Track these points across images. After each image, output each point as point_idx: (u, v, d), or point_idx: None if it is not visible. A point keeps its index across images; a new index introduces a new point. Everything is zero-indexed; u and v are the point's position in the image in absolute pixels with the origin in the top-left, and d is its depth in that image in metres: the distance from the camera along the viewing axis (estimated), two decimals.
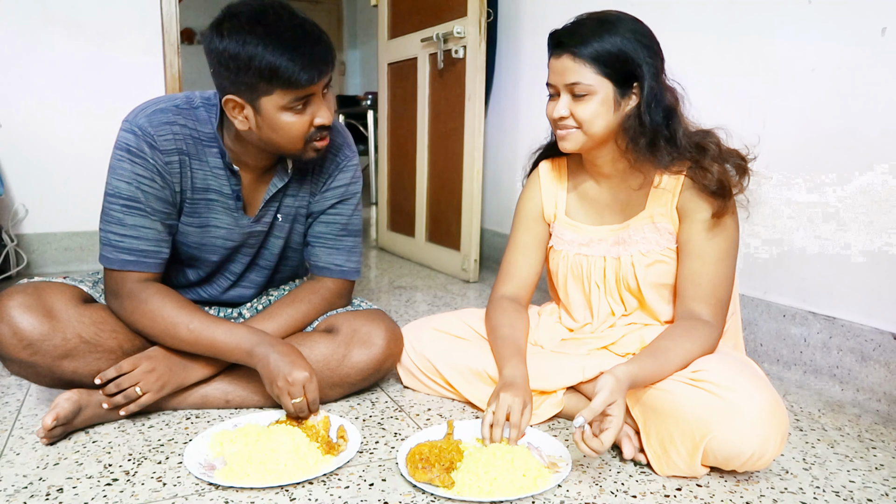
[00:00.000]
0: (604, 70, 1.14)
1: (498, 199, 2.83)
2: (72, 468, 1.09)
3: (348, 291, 1.46)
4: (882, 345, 1.43)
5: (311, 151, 1.22)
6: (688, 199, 1.20)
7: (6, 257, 2.49)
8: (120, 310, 1.25)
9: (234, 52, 1.09)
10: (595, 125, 1.18)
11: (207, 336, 1.23)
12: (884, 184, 1.41)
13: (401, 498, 1.03)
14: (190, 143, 1.24)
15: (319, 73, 1.12)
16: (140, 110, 1.22)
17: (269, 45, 1.08)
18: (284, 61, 1.08)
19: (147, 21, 2.64)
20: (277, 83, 1.10)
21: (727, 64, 1.72)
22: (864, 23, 1.41)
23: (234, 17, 1.10)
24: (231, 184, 1.28)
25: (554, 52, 1.19)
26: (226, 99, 1.16)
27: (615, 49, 1.13)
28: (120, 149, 1.20)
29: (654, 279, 1.26)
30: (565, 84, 1.17)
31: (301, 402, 1.19)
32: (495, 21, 2.65)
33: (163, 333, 1.23)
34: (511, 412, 1.14)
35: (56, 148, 2.58)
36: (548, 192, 1.38)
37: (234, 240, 1.34)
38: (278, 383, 1.19)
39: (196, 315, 1.24)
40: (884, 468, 1.17)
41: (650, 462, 1.12)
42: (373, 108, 4.84)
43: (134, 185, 1.19)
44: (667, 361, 1.11)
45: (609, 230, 1.31)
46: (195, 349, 1.24)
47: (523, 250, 1.41)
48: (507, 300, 1.39)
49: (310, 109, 1.17)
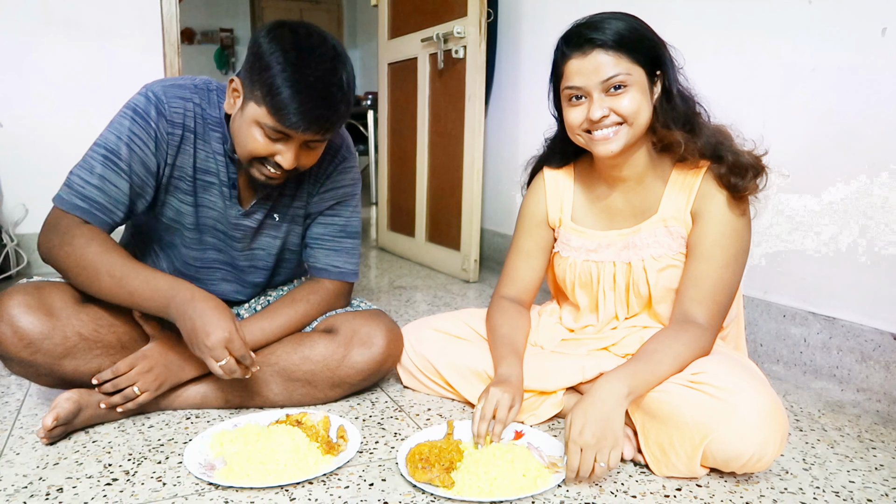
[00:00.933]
0: (634, 56, 1.11)
1: (498, 199, 2.83)
2: (72, 468, 1.09)
3: (347, 293, 1.46)
4: (882, 345, 1.43)
5: (258, 172, 1.19)
6: (705, 196, 1.18)
7: (6, 257, 2.49)
8: (46, 244, 1.19)
9: (263, 53, 1.11)
10: (641, 116, 1.14)
11: (126, 284, 1.16)
12: (884, 184, 1.41)
13: (401, 498, 1.03)
14: (199, 122, 1.25)
15: (307, 128, 1.12)
16: (159, 81, 1.24)
17: (288, 73, 1.08)
18: (287, 95, 1.09)
19: (147, 21, 2.64)
20: (269, 104, 1.10)
21: (727, 64, 1.72)
22: (864, 23, 1.41)
23: (290, 32, 1.12)
24: (229, 171, 1.29)
25: (578, 50, 1.13)
26: (233, 77, 1.18)
27: (639, 33, 1.13)
28: (127, 107, 1.21)
29: (665, 284, 1.24)
30: (601, 81, 1.12)
31: (228, 364, 1.14)
32: (495, 21, 2.65)
33: (82, 277, 1.17)
34: (498, 408, 1.14)
35: (56, 148, 2.58)
36: (553, 197, 1.36)
37: (224, 225, 1.33)
38: (198, 346, 1.13)
39: (120, 261, 1.17)
40: (884, 468, 1.17)
41: (648, 464, 1.12)
42: (373, 108, 4.85)
43: (124, 140, 1.19)
44: (660, 365, 1.10)
45: (618, 234, 1.29)
46: (115, 299, 1.18)
47: (525, 255, 1.39)
48: (507, 301, 1.39)
49: (280, 145, 1.15)
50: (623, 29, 1.12)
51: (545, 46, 1.22)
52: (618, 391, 1.04)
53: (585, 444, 1.00)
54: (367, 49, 7.21)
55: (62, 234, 1.18)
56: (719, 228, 1.17)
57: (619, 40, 1.11)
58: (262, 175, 1.20)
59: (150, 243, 1.38)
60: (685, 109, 1.17)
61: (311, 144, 1.18)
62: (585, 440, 1.00)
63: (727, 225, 1.17)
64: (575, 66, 1.13)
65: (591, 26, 1.13)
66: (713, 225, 1.17)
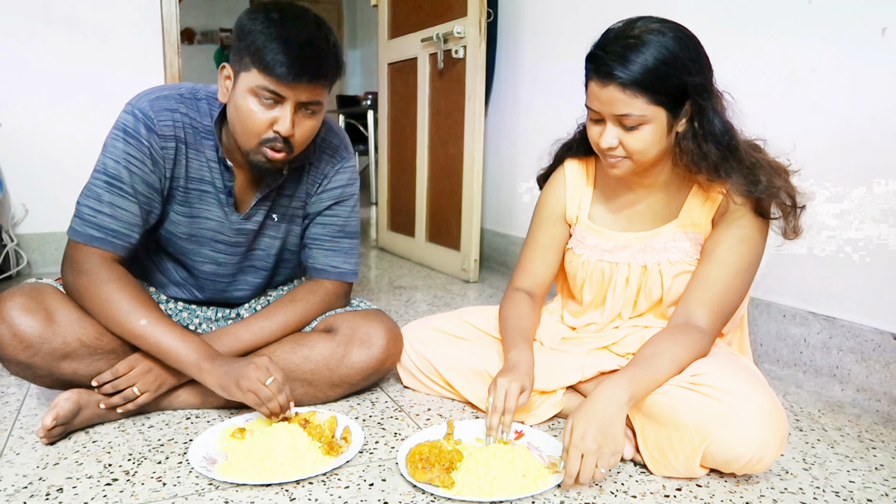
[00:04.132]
0: (656, 98, 1.06)
1: (498, 199, 2.83)
2: (72, 468, 1.09)
3: (346, 293, 1.46)
4: (882, 345, 1.43)
5: (262, 156, 1.18)
6: (729, 206, 1.16)
7: (6, 257, 2.49)
8: (74, 284, 1.21)
9: (244, 25, 1.13)
10: (648, 154, 1.11)
11: (156, 336, 1.19)
12: (883, 184, 1.41)
13: (401, 498, 1.03)
14: (189, 132, 1.24)
15: (298, 76, 1.10)
16: (144, 95, 1.23)
17: (272, 30, 1.10)
18: (274, 47, 1.09)
19: (147, 21, 2.64)
20: (257, 63, 1.11)
21: (727, 64, 1.72)
22: (864, 23, 1.41)
23: (273, 5, 1.14)
24: (224, 179, 1.28)
25: (597, 79, 1.08)
26: (223, 64, 1.19)
27: (668, 67, 1.04)
28: (117, 129, 1.21)
29: (679, 289, 1.23)
30: (613, 115, 1.09)
31: (276, 383, 1.15)
32: (495, 21, 2.65)
33: (111, 320, 1.19)
34: (507, 398, 1.13)
35: (56, 148, 2.58)
36: (573, 193, 1.34)
37: (224, 234, 1.33)
38: (244, 377, 1.15)
39: (151, 312, 1.20)
40: (884, 468, 1.17)
41: (647, 465, 1.12)
42: (373, 108, 4.84)
43: (122, 164, 1.19)
44: (659, 369, 1.09)
45: (635, 237, 1.27)
46: (140, 345, 1.20)
47: (541, 249, 1.38)
48: (522, 293, 1.38)
49: (275, 110, 1.14)
50: (651, 64, 1.04)
51: (545, 46, 1.22)
52: (619, 397, 1.03)
53: (587, 449, 0.99)
54: (367, 49, 7.21)
55: (89, 277, 1.19)
56: (739, 235, 1.15)
57: (641, 81, 1.04)
58: (266, 159, 1.18)
59: (148, 256, 1.38)
60: (717, 149, 1.10)
61: (307, 108, 1.16)
62: (587, 446, 0.99)
63: (746, 234, 1.15)
64: (594, 90, 1.10)
65: (617, 54, 1.05)
66: (733, 230, 1.16)
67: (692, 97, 1.09)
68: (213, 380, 1.18)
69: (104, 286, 1.19)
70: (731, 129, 1.13)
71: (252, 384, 1.14)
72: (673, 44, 1.06)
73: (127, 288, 1.20)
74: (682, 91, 1.08)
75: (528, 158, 1.45)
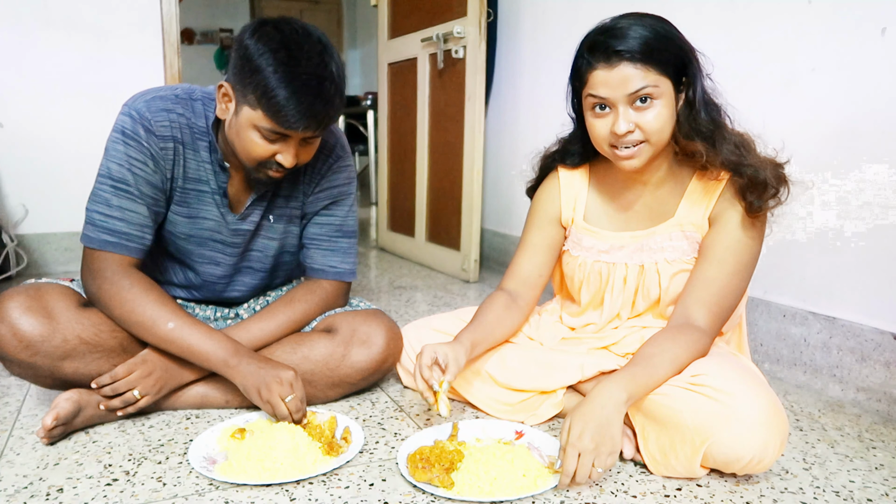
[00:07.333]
0: (661, 67, 1.08)
1: (498, 199, 2.83)
2: (72, 468, 1.09)
3: (345, 293, 1.46)
4: (882, 345, 1.43)
5: (262, 174, 1.21)
6: (724, 204, 1.17)
7: (6, 257, 2.49)
8: (97, 292, 1.22)
9: (251, 55, 1.10)
10: (664, 132, 1.12)
11: (185, 338, 1.21)
12: (883, 184, 1.41)
13: (401, 498, 1.03)
14: (185, 133, 1.24)
15: (306, 126, 1.12)
16: (140, 96, 1.23)
17: (280, 73, 1.08)
18: (283, 96, 1.08)
19: (147, 21, 2.64)
20: (265, 107, 1.10)
21: (727, 64, 1.72)
22: (864, 23, 1.41)
23: (274, 28, 1.11)
24: (219, 180, 1.29)
25: (604, 61, 1.09)
26: (222, 83, 1.18)
27: (666, 40, 1.09)
28: (116, 131, 1.21)
29: (677, 288, 1.23)
30: (628, 94, 1.08)
31: (295, 401, 1.17)
32: (495, 21, 2.65)
33: (138, 326, 1.21)
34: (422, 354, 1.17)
35: (56, 148, 2.58)
36: (567, 195, 1.34)
37: (222, 234, 1.33)
38: (265, 387, 1.17)
39: (177, 314, 1.22)
40: (884, 468, 1.17)
41: (648, 466, 1.12)
42: (373, 108, 4.84)
43: (125, 166, 1.19)
44: (658, 369, 1.09)
45: (631, 236, 1.27)
46: (168, 348, 1.22)
47: (530, 251, 1.38)
48: (503, 293, 1.37)
49: (278, 145, 1.15)
50: (650, 37, 1.08)
51: (545, 46, 1.22)
52: (617, 397, 1.03)
53: (584, 448, 0.99)
54: (367, 49, 7.22)
55: (112, 284, 1.21)
56: (736, 234, 1.16)
57: (646, 51, 1.07)
58: (266, 176, 1.21)
59: (148, 255, 1.38)
60: (709, 119, 1.13)
61: (308, 140, 1.19)
62: (584, 445, 0.99)
63: (744, 233, 1.16)
64: (601, 76, 1.10)
65: (617, 35, 1.08)
66: (730, 230, 1.16)
67: (687, 69, 1.12)
68: (239, 378, 1.21)
69: (127, 293, 1.20)
70: (718, 106, 1.16)
71: (272, 397, 1.17)
72: (659, 23, 1.12)
73: (150, 293, 1.22)
74: (681, 62, 1.11)
75: (528, 158, 1.45)
